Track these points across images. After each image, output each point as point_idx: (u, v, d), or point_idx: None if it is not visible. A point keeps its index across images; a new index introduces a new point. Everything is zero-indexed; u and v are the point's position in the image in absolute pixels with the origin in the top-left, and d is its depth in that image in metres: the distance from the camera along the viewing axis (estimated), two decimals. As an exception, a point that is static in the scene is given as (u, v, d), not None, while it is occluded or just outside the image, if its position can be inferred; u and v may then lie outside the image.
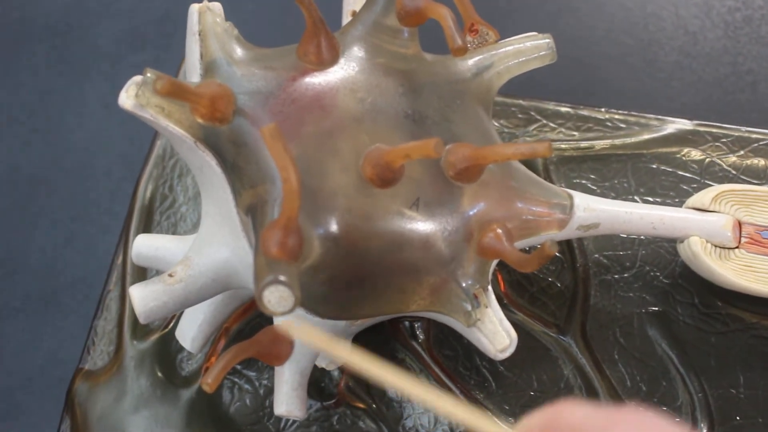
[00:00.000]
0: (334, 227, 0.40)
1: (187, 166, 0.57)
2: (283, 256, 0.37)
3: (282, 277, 0.36)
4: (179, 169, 0.58)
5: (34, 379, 0.58)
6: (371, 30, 0.44)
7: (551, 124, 0.56)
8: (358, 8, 0.52)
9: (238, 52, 0.43)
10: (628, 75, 0.62)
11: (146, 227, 0.56)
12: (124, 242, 0.56)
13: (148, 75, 0.40)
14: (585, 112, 0.56)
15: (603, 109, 0.56)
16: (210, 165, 0.42)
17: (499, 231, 0.43)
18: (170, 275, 0.44)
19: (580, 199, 0.46)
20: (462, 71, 0.46)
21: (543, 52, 0.47)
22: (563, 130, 0.56)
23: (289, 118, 0.41)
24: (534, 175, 0.47)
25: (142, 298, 0.43)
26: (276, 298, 0.36)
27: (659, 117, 0.56)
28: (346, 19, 0.51)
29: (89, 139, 0.66)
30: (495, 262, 0.45)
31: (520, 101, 0.57)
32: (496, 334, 0.44)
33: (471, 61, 0.47)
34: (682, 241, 0.48)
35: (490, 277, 0.45)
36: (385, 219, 0.41)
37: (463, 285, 0.43)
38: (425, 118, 0.43)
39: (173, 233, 0.56)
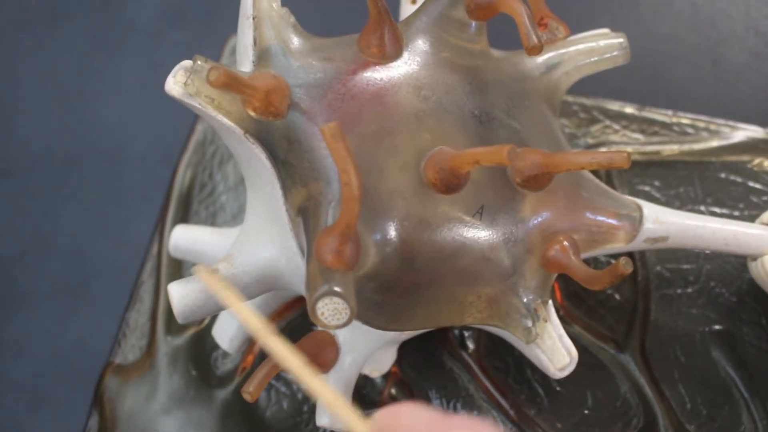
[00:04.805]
0: (391, 233, 0.38)
1: (228, 152, 0.55)
2: (339, 264, 0.34)
3: (337, 288, 0.33)
4: (220, 156, 0.55)
5: (60, 369, 0.57)
6: (437, 22, 0.41)
7: (615, 126, 0.53)
8: (418, -5, 0.49)
9: (295, 41, 0.40)
10: (693, 75, 0.59)
11: (183, 216, 0.54)
12: (159, 231, 0.53)
13: (199, 63, 0.37)
14: (650, 115, 0.53)
15: (670, 112, 0.53)
16: (259, 159, 0.40)
17: (566, 243, 0.40)
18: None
19: (650, 211, 0.44)
20: (530, 69, 0.44)
21: (616, 53, 0.45)
22: (627, 132, 0.53)
23: (348, 114, 0.38)
24: (602, 184, 0.44)
25: (182, 297, 0.41)
26: (330, 310, 0.34)
27: (729, 123, 0.53)
28: (405, 5, 0.49)
29: (125, 120, 0.64)
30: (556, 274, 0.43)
31: (583, 100, 0.54)
32: (555, 351, 0.41)
33: (540, 59, 0.44)
34: (754, 259, 0.45)
35: (550, 290, 0.42)
36: (445, 226, 0.38)
37: (524, 300, 0.40)
38: (492, 119, 0.40)
39: (212, 224, 0.53)
